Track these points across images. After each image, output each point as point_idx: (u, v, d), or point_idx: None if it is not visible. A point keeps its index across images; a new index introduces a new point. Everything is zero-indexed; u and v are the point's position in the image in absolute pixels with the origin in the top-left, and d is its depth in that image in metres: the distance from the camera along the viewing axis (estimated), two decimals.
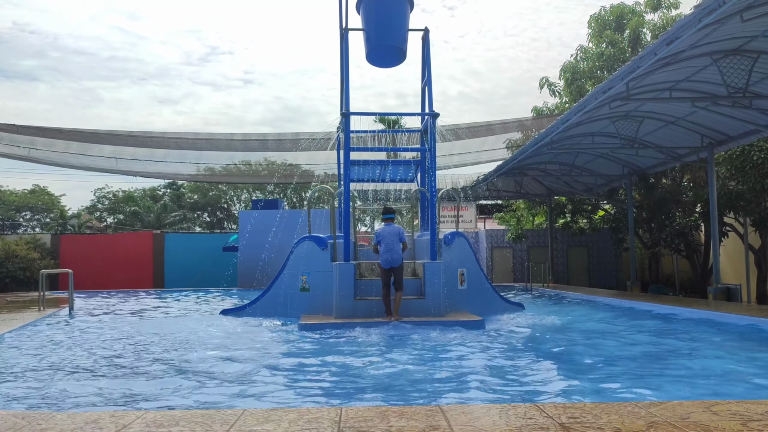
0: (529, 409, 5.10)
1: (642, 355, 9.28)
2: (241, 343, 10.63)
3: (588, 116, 18.81)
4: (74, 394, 6.96)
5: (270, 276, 16.11)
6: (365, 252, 15.91)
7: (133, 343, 10.83)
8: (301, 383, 7.53)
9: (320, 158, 29.70)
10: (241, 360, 9.02)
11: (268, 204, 29.24)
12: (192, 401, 6.63)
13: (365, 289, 13.85)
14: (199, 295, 24.16)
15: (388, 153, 24.65)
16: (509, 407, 5.21)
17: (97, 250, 31.36)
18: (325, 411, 5.16)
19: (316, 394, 6.99)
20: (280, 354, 9.69)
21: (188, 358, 9.17)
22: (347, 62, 15.22)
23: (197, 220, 59.40)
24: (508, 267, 34.19)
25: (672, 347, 10.00)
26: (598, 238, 33.12)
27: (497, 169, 26.19)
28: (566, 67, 30.96)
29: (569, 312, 16.57)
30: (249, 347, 10.23)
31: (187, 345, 10.54)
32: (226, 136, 30.38)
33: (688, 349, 9.83)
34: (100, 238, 33.40)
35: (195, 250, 31.46)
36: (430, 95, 15.14)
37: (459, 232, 15.63)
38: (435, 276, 13.61)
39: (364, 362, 8.78)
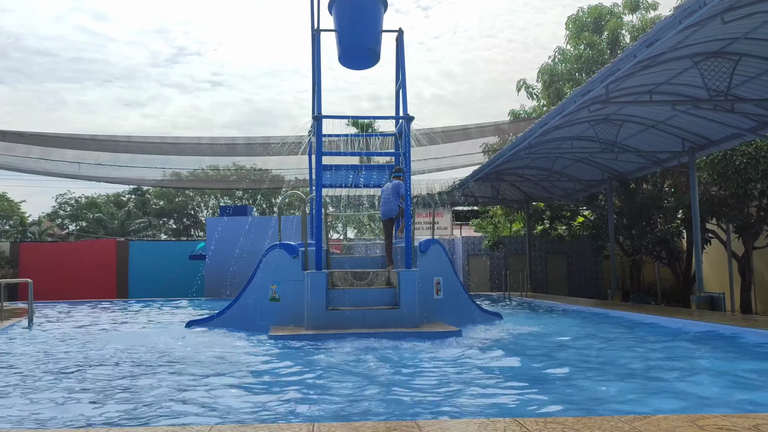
0: (509, 424, 5.04)
1: (625, 368, 9.28)
2: (206, 356, 10.48)
3: (567, 120, 18.89)
4: (22, 410, 6.78)
5: (239, 285, 15.95)
6: (338, 260, 15.82)
7: (92, 358, 10.64)
8: (271, 398, 7.42)
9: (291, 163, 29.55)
10: (206, 374, 8.88)
11: (236, 210, 29.02)
12: (154, 418, 6.48)
13: (338, 299, 13.74)
14: (165, 306, 23.90)
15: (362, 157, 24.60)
16: (488, 422, 5.14)
17: (59, 259, 30.94)
18: (296, 427, 5.06)
19: (287, 410, 6.88)
20: (248, 367, 9.56)
21: (150, 372, 9.01)
22: (319, 64, 15.14)
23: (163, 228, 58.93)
24: (486, 275, 34.25)
25: (655, 359, 10.02)
26: (578, 245, 33.31)
27: (474, 174, 26.23)
28: (544, 69, 31.14)
29: (548, 322, 16.58)
30: (215, 360, 10.09)
31: (149, 358, 10.37)
32: (194, 140, 30.16)
33: (672, 361, 9.84)
34: (61, 247, 32.96)
35: (161, 259, 31.15)
36: (404, 98, 15.10)
37: (435, 239, 15.59)
38: (410, 285, 13.55)
39: (337, 376, 8.68)
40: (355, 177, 16.71)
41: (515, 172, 27.95)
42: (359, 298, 13.73)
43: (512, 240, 34.89)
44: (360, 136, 16.92)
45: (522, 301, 24.81)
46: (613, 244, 26.18)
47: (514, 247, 34.47)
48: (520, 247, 34.25)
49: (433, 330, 12.75)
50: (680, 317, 15.47)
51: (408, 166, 14.57)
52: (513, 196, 32.81)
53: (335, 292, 13.83)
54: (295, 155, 25.74)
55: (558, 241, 32.72)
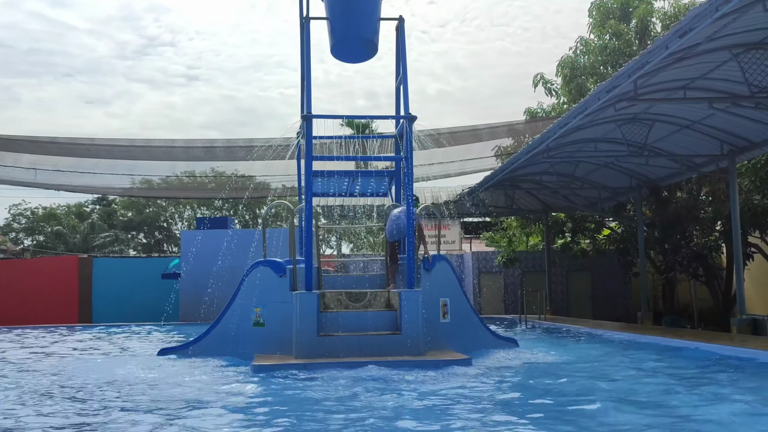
0: None
1: (660, 404, 9.26)
2: (180, 390, 10.46)
3: (590, 119, 18.92)
4: None
5: (218, 308, 15.91)
6: (331, 279, 15.80)
7: (40, 391, 10.62)
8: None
9: (278, 168, 29.57)
10: (179, 411, 8.87)
11: (215, 222, 28.99)
12: None
13: (331, 323, 13.72)
14: (134, 331, 23.83)
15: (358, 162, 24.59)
16: None
17: (12, 278, 30.83)
18: None
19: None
20: (227, 402, 9.55)
21: (111, 410, 8.99)
22: (309, 56, 15.16)
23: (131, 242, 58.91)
24: (499, 296, 34.22)
25: (695, 393, 10.00)
26: (603, 261, 33.28)
27: (485, 180, 26.25)
28: (564, 62, 31.19)
29: (570, 349, 16.57)
30: (190, 395, 10.07)
31: (111, 395, 10.33)
32: (167, 143, 30.19)
33: (712, 395, 9.82)
34: (15, 264, 32.89)
35: (129, 278, 31.09)
36: (405, 95, 15.12)
37: (441, 255, 15.58)
38: (413, 307, 13.53)
39: (328, 412, 8.66)
40: (350, 184, 16.71)
41: (532, 178, 27.97)
42: (355, 322, 13.70)
43: (529, 255, 34.86)
44: (356, 138, 16.89)
45: (540, 324, 24.80)
46: (643, 260, 26.18)
47: (531, 263, 34.45)
48: (537, 264, 34.23)
49: (439, 358, 12.73)
50: (720, 343, 15.48)
51: (410, 172, 14.58)
52: (529, 206, 32.81)
53: (328, 315, 13.82)
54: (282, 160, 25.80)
55: (581, 256, 32.69)
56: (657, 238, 27.18)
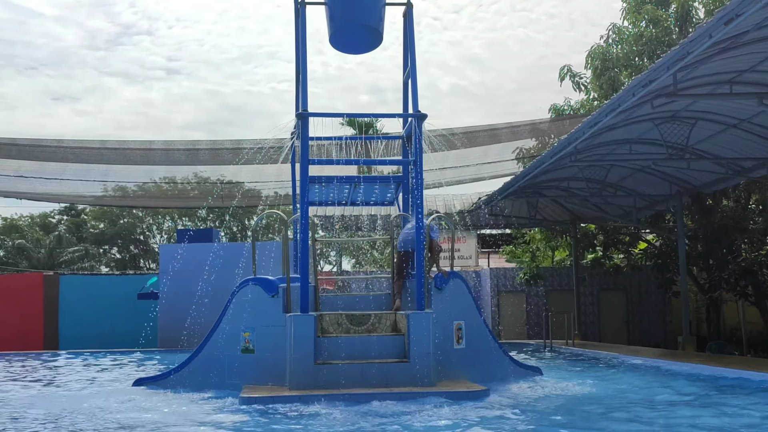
0: None
1: None
2: (157, 427, 10.43)
3: (624, 117, 18.91)
4: None
5: (202, 333, 15.90)
6: (330, 299, 15.78)
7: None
8: None
9: (269, 174, 29.57)
10: None
11: (199, 235, 28.94)
12: None
13: (330, 349, 13.71)
14: (107, 359, 23.80)
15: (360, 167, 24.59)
16: None
17: None
18: None
19: None
20: None
21: None
22: (305, 47, 15.19)
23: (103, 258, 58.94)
24: (521, 318, 34.18)
25: (745, 427, 9.94)
26: (639, 279, 33.22)
27: (504, 187, 26.23)
28: (594, 52, 31.21)
29: (602, 378, 16.51)
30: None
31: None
32: (144, 145, 30.18)
33: None
34: None
35: (100, 298, 31.07)
36: (414, 90, 15.13)
37: (455, 271, 15.56)
38: (423, 332, 13.51)
39: None
40: (351, 192, 16.72)
41: (558, 185, 27.94)
42: (357, 348, 13.68)
43: (555, 272, 34.81)
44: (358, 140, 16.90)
45: (568, 351, 24.73)
46: (684, 278, 26.11)
47: (558, 281, 34.41)
48: (565, 282, 34.19)
49: (453, 389, 12.70)
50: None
51: (419, 178, 14.58)
52: (555, 216, 32.77)
53: (326, 340, 13.80)
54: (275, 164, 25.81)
55: (613, 273, 32.64)
56: (700, 252, 27.13)
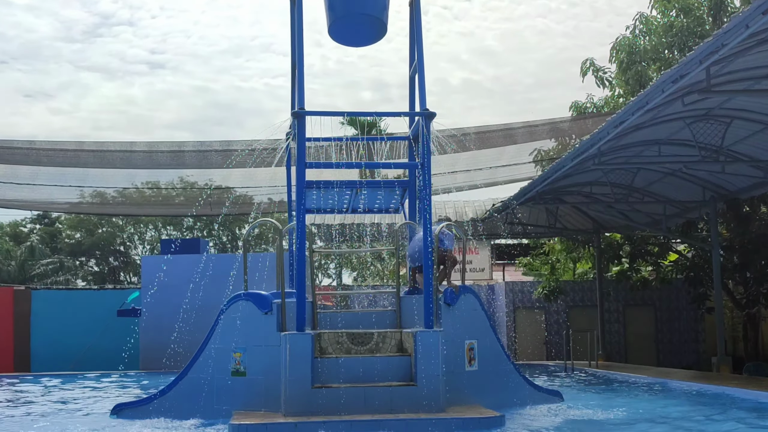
0: None
1: None
2: None
3: (652, 116, 18.91)
4: None
5: (188, 354, 15.89)
6: (329, 316, 15.75)
7: None
8: None
9: (262, 178, 29.57)
10: None
11: (185, 246, 28.95)
12: None
13: (329, 371, 13.70)
14: (83, 382, 23.78)
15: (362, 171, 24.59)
16: None
17: None
18: None
19: None
20: None
21: None
22: (301, 38, 15.19)
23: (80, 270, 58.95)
24: (539, 337, 34.11)
25: None
26: (670, 293, 33.18)
27: (521, 192, 26.23)
28: (620, 44, 31.22)
29: (629, 404, 16.48)
30: None
31: None
32: (124, 146, 30.19)
33: None
34: None
35: (77, 315, 31.07)
36: (422, 86, 15.14)
37: (466, 286, 15.55)
38: (431, 352, 13.50)
39: None
40: (352, 198, 16.72)
41: (580, 190, 27.93)
42: (359, 370, 13.67)
43: (576, 286, 34.76)
44: (360, 141, 16.92)
45: (591, 373, 24.69)
46: (719, 292, 26.05)
47: (580, 296, 34.37)
48: (587, 297, 34.15)
49: (465, 416, 12.67)
50: None
51: (427, 182, 14.58)
52: (577, 225, 32.74)
53: (325, 362, 13.80)
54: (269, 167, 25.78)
55: (641, 287, 32.57)
56: (736, 264, 27.08)
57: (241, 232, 56.88)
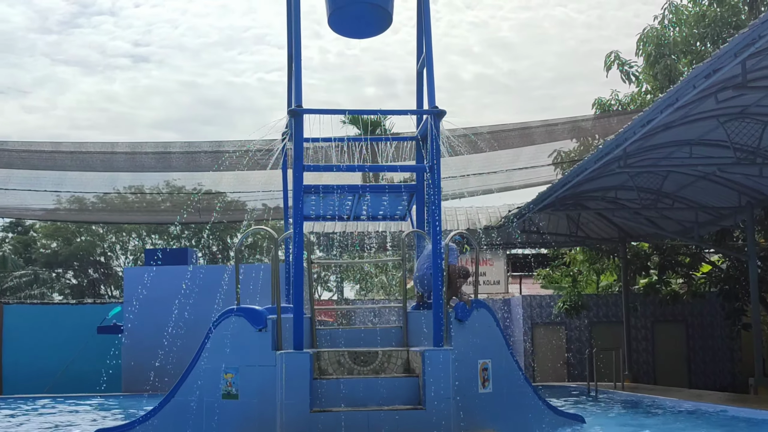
0: None
1: None
2: None
3: (683, 114, 18.93)
4: None
5: (174, 374, 15.92)
6: (329, 333, 15.77)
7: None
8: None
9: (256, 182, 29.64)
10: None
11: (171, 256, 28.96)
12: None
13: (329, 394, 13.71)
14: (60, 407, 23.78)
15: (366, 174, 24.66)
16: None
17: None
18: None
19: None
20: None
21: None
22: (299, 29, 15.23)
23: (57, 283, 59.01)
24: (559, 356, 34.11)
25: None
26: (702, 308, 33.16)
27: (539, 198, 26.22)
28: (647, 36, 31.26)
29: (659, 430, 16.49)
30: None
31: None
32: (105, 147, 30.25)
33: None
34: None
35: (52, 332, 31.10)
36: (430, 81, 15.15)
37: (479, 300, 15.56)
38: (441, 372, 13.50)
39: None
40: (355, 204, 16.73)
41: (604, 195, 27.93)
42: (362, 392, 13.66)
43: (600, 301, 34.74)
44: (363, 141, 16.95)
45: (616, 396, 24.67)
46: (756, 306, 26.03)
47: (604, 311, 34.36)
48: (612, 312, 34.14)
49: None
50: None
51: (436, 187, 14.61)
52: (601, 233, 32.74)
53: (325, 383, 13.81)
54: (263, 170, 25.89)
55: (671, 301, 32.55)
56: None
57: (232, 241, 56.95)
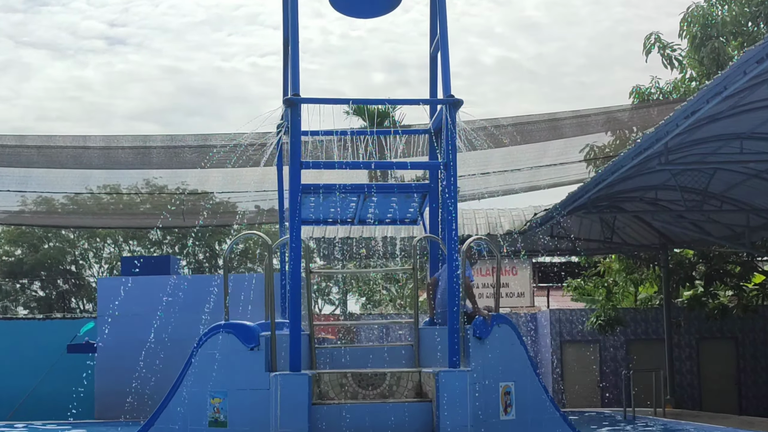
0: None
1: None
2: None
3: (732, 104, 18.92)
4: None
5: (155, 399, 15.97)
6: (330, 352, 15.79)
7: None
8: None
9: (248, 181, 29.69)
10: None
11: (151, 264, 28.98)
12: None
13: (330, 421, 13.73)
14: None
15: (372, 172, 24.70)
16: None
17: None
18: None
19: None
20: None
21: None
22: (296, 8, 15.26)
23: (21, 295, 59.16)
24: (592, 378, 34.12)
25: None
26: (755, 324, 33.16)
27: (570, 199, 26.23)
28: (692, 15, 31.29)
29: None
30: None
31: None
32: (77, 141, 30.33)
33: None
34: None
35: (17, 351, 31.16)
36: (446, 67, 15.18)
37: (501, 314, 15.58)
38: (457, 397, 13.51)
39: None
40: (360, 206, 16.76)
41: (642, 196, 27.94)
42: (368, 419, 13.67)
43: (639, 315, 34.74)
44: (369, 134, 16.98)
45: (657, 423, 24.66)
46: None
47: (643, 327, 34.35)
48: (652, 328, 34.13)
49: None
50: None
51: (452, 186, 14.62)
52: (639, 239, 32.72)
53: (325, 409, 13.83)
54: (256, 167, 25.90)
55: (719, 316, 32.54)
56: None
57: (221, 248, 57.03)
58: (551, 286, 47.20)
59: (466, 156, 24.12)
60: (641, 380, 28.20)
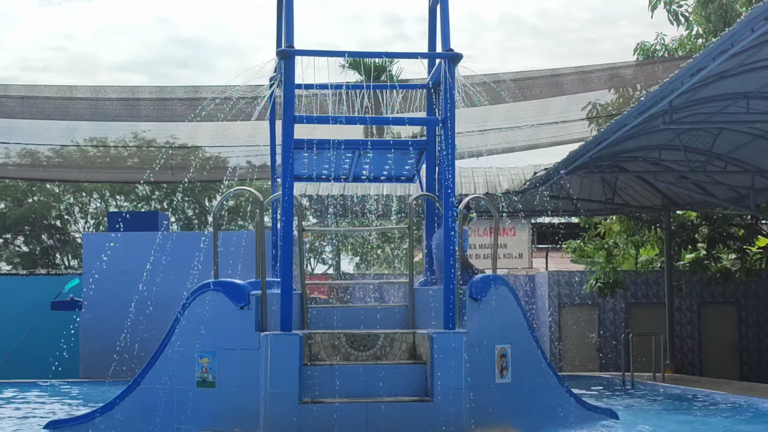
0: None
1: None
2: None
3: (739, 62, 18.90)
4: None
5: (141, 358, 15.97)
6: (323, 312, 15.79)
7: None
8: None
9: (239, 135, 29.67)
10: None
11: (139, 220, 28.98)
12: None
13: (322, 382, 13.73)
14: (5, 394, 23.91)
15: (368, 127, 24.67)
16: None
17: None
18: None
19: None
20: None
21: None
22: None
23: (5, 251, 59.14)
24: (590, 341, 34.19)
25: None
26: (758, 288, 33.20)
27: (570, 158, 26.22)
28: None
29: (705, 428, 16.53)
30: None
31: None
32: (62, 92, 30.25)
33: None
34: None
35: (0, 308, 31.18)
36: (445, 20, 15.12)
37: (498, 276, 15.57)
38: (452, 359, 13.52)
39: None
40: (354, 162, 16.75)
41: (646, 155, 27.93)
42: (360, 381, 13.67)
43: (639, 278, 34.78)
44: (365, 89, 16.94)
45: (656, 388, 24.72)
46: None
47: (643, 290, 34.40)
48: (653, 292, 34.18)
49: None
50: None
51: (450, 143, 14.60)
52: (641, 200, 32.73)
53: (316, 370, 13.84)
54: (247, 121, 25.89)
55: (722, 280, 32.59)
56: None
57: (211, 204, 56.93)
58: (550, 247, 47.27)
59: (465, 112, 24.04)
60: (640, 344, 28.29)
